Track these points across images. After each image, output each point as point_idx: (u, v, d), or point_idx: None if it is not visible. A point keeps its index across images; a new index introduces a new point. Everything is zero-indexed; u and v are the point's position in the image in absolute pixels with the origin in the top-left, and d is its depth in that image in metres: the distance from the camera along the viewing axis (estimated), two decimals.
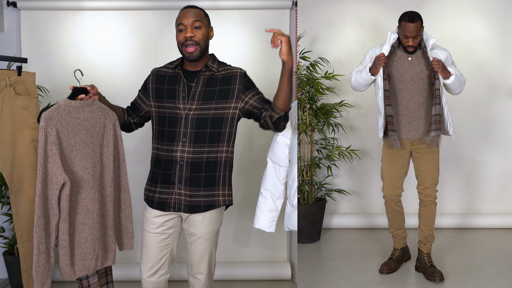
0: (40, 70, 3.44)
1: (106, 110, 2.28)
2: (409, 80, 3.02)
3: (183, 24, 2.21)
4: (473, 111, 4.25)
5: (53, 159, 2.07)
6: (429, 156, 3.07)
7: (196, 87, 2.25)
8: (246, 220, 3.70)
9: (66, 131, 2.12)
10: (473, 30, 4.21)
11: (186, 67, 2.31)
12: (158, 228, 2.31)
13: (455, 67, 3.07)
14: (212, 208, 2.28)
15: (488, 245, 3.76)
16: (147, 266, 2.34)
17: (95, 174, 2.22)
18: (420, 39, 3.01)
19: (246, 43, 3.66)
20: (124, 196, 2.39)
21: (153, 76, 2.37)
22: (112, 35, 3.61)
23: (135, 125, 2.45)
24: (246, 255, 3.75)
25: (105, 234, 2.30)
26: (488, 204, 4.30)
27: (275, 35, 2.09)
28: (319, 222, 3.93)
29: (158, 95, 2.31)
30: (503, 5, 4.19)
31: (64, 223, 2.11)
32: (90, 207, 2.20)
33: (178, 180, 2.25)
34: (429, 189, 3.08)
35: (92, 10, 3.58)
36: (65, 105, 2.14)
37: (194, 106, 2.23)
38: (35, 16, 3.55)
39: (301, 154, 3.92)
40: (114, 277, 3.55)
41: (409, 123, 3.05)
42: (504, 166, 4.29)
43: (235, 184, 3.70)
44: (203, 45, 2.23)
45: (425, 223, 3.14)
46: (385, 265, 3.22)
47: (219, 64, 2.32)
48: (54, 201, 2.09)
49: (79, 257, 2.19)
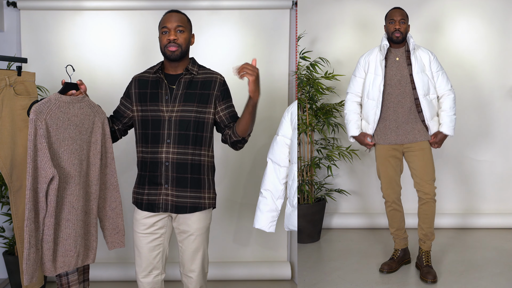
0: (40, 70, 3.44)
1: (95, 107, 2.28)
2: (397, 84, 3.04)
3: (167, 27, 2.27)
4: (473, 111, 4.25)
5: (42, 152, 2.07)
6: (420, 154, 3.07)
7: (178, 90, 2.30)
8: (246, 220, 3.70)
9: (56, 125, 2.12)
10: (473, 30, 4.21)
11: (167, 71, 2.36)
12: (149, 229, 2.34)
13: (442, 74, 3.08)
14: (198, 210, 2.32)
15: (488, 245, 3.76)
16: (141, 267, 2.37)
17: (81, 171, 2.22)
18: (406, 27, 3.06)
19: (246, 43, 3.66)
20: (114, 195, 2.39)
21: (135, 82, 2.41)
22: (112, 35, 3.62)
23: (119, 133, 2.47)
24: (246, 255, 3.75)
25: (87, 232, 2.29)
26: (488, 204, 4.30)
27: (243, 68, 2.11)
28: (319, 222, 3.93)
29: (142, 99, 2.35)
30: (503, 5, 4.19)
31: (50, 217, 2.11)
32: (74, 203, 2.20)
33: (164, 181, 2.29)
34: (426, 185, 3.07)
35: (92, 10, 3.58)
36: (55, 99, 2.13)
37: (176, 108, 2.28)
38: (35, 16, 3.55)
39: (301, 154, 3.92)
40: (113, 277, 3.56)
41: (397, 128, 3.07)
42: (504, 166, 4.29)
43: (235, 184, 3.72)
44: (184, 48, 2.29)
45: (425, 221, 3.14)
46: (385, 265, 3.22)
47: (199, 68, 2.38)
48: (42, 194, 2.08)
49: (60, 253, 2.18)
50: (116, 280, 3.57)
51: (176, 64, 2.32)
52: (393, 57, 3.08)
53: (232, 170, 3.69)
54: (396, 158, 3.13)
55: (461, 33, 4.21)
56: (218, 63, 3.64)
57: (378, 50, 3.11)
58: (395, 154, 3.12)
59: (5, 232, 3.56)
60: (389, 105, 3.06)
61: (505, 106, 4.25)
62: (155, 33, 3.63)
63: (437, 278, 3.07)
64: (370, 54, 3.13)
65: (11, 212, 2.88)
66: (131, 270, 3.52)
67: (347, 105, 3.21)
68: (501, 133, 4.27)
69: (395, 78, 3.05)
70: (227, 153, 3.63)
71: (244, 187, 3.72)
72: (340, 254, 3.62)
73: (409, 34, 3.09)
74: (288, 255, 3.77)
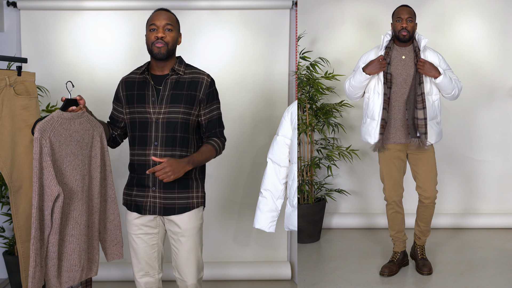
0: (40, 70, 3.43)
1: (93, 122, 2.29)
2: (402, 83, 2.99)
3: (155, 24, 2.26)
4: (473, 111, 4.25)
5: (47, 170, 2.08)
6: (425, 157, 3.05)
7: (164, 91, 2.28)
8: (246, 220, 3.70)
9: (59, 142, 2.13)
10: (473, 30, 4.21)
11: (153, 72, 2.34)
12: (141, 229, 2.34)
13: (451, 72, 3.04)
14: (187, 210, 2.30)
15: (488, 245, 3.76)
16: (138, 268, 2.37)
17: (84, 186, 2.23)
18: (414, 25, 2.99)
19: (246, 43, 3.65)
20: (112, 207, 2.40)
21: (122, 84, 2.40)
22: (112, 35, 3.61)
23: (119, 137, 2.48)
24: (246, 255, 3.75)
25: (90, 245, 2.31)
26: (488, 204, 4.30)
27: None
28: (319, 222, 3.93)
29: (129, 101, 2.34)
30: (503, 5, 4.19)
31: (55, 234, 2.12)
32: (78, 218, 2.21)
33: (152, 184, 2.28)
34: (429, 190, 3.07)
35: (92, 10, 3.58)
36: (58, 116, 2.14)
37: (163, 110, 2.26)
38: (35, 16, 3.55)
39: (301, 154, 3.92)
40: (113, 277, 3.56)
41: (402, 127, 3.02)
42: (504, 166, 4.29)
43: (235, 184, 3.71)
44: (171, 46, 2.27)
45: (423, 220, 3.17)
46: (386, 268, 3.20)
47: (186, 67, 2.35)
48: (47, 212, 2.09)
49: (65, 268, 2.20)
50: (116, 280, 3.57)
51: (162, 63, 2.30)
52: (399, 55, 3.02)
53: (232, 170, 3.69)
54: (401, 159, 3.09)
55: (461, 33, 4.21)
56: (218, 63, 3.65)
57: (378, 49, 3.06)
58: (399, 156, 3.08)
59: (5, 232, 3.56)
60: (394, 104, 3.01)
61: (505, 106, 4.25)
62: None
63: (432, 270, 3.17)
64: (372, 52, 3.09)
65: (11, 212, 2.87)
66: (130, 270, 3.52)
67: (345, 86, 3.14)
68: (501, 133, 4.27)
69: (400, 77, 2.99)
70: (227, 153, 3.62)
71: (244, 187, 3.71)
72: (340, 254, 3.62)
73: (419, 33, 3.02)
74: (288, 255, 3.77)
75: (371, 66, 2.96)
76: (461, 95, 3.33)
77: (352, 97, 3.14)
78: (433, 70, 2.90)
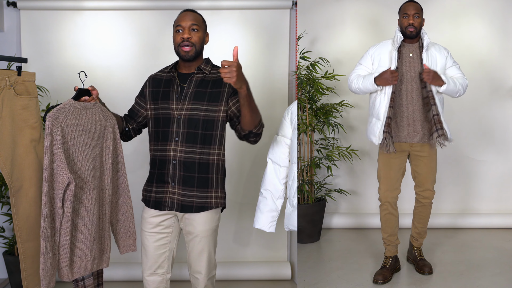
0: (40, 70, 3.44)
1: (106, 113, 2.30)
2: (409, 80, 2.94)
3: (181, 25, 2.27)
4: (473, 111, 4.25)
5: (58, 158, 2.08)
6: (428, 159, 3.02)
7: (188, 88, 2.31)
8: (246, 220, 3.70)
9: (70, 131, 2.14)
10: (473, 30, 4.21)
11: (180, 70, 2.37)
12: (155, 228, 2.34)
13: (457, 69, 3.00)
14: (204, 209, 2.30)
15: (488, 245, 3.76)
16: (147, 265, 2.38)
17: (95, 176, 2.23)
18: (421, 21, 2.94)
19: (246, 43, 3.66)
20: (125, 199, 2.40)
21: (150, 81, 2.44)
22: (112, 35, 3.62)
23: (133, 132, 2.49)
24: (246, 255, 3.75)
25: (101, 236, 2.31)
26: (487, 204, 4.30)
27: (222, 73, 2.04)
28: (319, 222, 3.93)
29: (154, 98, 2.37)
30: (503, 5, 4.19)
31: (67, 223, 2.12)
32: (90, 208, 2.21)
33: (171, 179, 2.29)
34: (428, 191, 3.07)
35: (92, 10, 3.58)
36: (70, 105, 2.15)
37: (185, 106, 2.28)
38: (35, 16, 3.55)
39: (301, 154, 3.92)
40: (116, 277, 3.56)
41: (408, 126, 2.96)
42: (504, 166, 4.29)
43: (235, 184, 3.71)
44: (198, 47, 2.30)
45: (420, 221, 3.16)
46: (379, 275, 3.07)
47: (212, 67, 2.38)
48: (58, 200, 2.09)
49: (77, 258, 2.20)
50: (118, 280, 3.57)
51: (189, 63, 2.33)
52: (407, 52, 2.96)
53: (232, 170, 3.69)
54: (401, 160, 3.03)
55: (461, 33, 4.21)
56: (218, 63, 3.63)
57: (391, 43, 2.98)
58: (400, 156, 3.01)
59: (5, 232, 3.56)
60: (400, 102, 2.95)
61: (505, 106, 4.25)
62: (155, 33, 3.64)
63: (433, 270, 3.18)
64: (383, 47, 3.00)
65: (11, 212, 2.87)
66: (135, 270, 3.53)
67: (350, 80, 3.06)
68: (501, 133, 4.27)
69: (407, 74, 2.94)
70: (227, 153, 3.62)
71: (244, 187, 3.72)
72: (340, 254, 3.62)
73: (424, 30, 2.96)
74: (288, 255, 3.77)
75: (383, 79, 2.87)
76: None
77: (354, 93, 3.10)
78: (438, 79, 2.86)
